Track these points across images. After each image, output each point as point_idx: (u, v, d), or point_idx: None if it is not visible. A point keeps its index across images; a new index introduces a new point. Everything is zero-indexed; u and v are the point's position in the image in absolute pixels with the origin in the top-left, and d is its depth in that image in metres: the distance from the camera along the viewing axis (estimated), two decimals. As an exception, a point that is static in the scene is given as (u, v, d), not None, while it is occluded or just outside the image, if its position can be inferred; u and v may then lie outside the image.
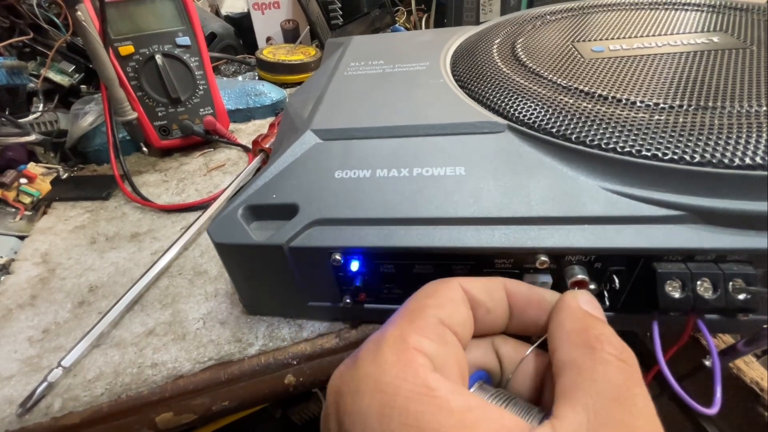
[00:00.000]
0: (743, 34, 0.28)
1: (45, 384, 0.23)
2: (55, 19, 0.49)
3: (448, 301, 0.16)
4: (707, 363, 0.19)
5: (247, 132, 0.48)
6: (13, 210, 0.36)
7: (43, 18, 0.48)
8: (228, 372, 0.24)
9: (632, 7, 0.36)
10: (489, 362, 0.17)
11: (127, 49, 0.40)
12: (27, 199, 0.36)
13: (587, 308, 0.16)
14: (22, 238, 0.34)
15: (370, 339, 0.15)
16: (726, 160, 0.18)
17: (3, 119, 0.40)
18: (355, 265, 0.21)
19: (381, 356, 0.14)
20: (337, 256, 0.21)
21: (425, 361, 0.13)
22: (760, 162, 0.18)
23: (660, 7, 0.35)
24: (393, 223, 0.21)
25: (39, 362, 0.25)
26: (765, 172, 0.18)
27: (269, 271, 0.23)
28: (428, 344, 0.14)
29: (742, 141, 0.19)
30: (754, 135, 0.19)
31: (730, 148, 0.18)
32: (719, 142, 0.19)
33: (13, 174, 0.37)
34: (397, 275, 0.22)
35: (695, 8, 0.34)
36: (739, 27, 0.29)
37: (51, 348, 0.25)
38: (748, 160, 0.18)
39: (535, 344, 0.17)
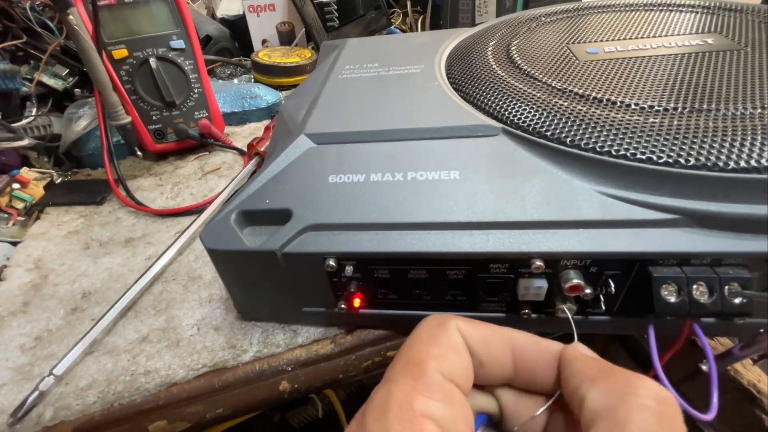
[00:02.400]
0: (737, 35, 0.28)
1: (36, 393, 0.22)
2: (49, 23, 0.49)
3: (449, 350, 0.15)
4: (704, 368, 0.19)
5: (242, 135, 0.48)
6: (6, 215, 0.36)
7: (37, 21, 0.47)
8: (222, 379, 0.23)
9: (627, 8, 0.36)
10: (490, 407, 0.17)
11: (120, 52, 0.40)
12: (20, 205, 0.36)
13: (592, 356, 0.15)
14: (14, 243, 0.34)
15: (375, 400, 0.14)
16: (721, 163, 0.18)
17: (-5, 124, 0.40)
18: (349, 271, 0.21)
19: (389, 426, 0.13)
20: (331, 262, 0.21)
21: (433, 427, 0.13)
22: (755, 165, 0.18)
23: (654, 8, 0.35)
24: (387, 228, 0.21)
25: (31, 370, 0.24)
26: (761, 176, 0.18)
27: (263, 277, 0.23)
28: (435, 406, 0.14)
29: (737, 144, 0.18)
30: (749, 138, 0.19)
31: (725, 151, 0.18)
32: (714, 145, 0.19)
33: (5, 179, 0.36)
34: (391, 280, 0.22)
35: (689, 9, 0.34)
36: (733, 28, 0.29)
37: (43, 356, 0.25)
38: (743, 163, 0.18)
39: (549, 403, 0.16)
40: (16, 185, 0.36)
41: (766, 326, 0.20)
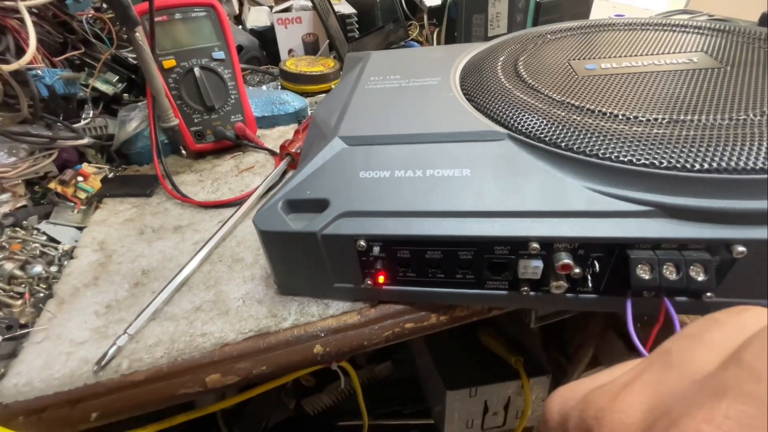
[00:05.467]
0: (721, 55, 0.32)
1: (115, 347, 0.27)
2: (100, 34, 0.55)
3: None
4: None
5: (272, 137, 0.53)
6: (72, 204, 0.41)
7: (91, 33, 0.53)
8: (266, 341, 0.28)
9: (626, 27, 0.40)
10: None
11: (169, 62, 0.45)
12: (83, 195, 0.41)
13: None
14: (79, 229, 0.39)
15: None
16: (688, 165, 0.22)
17: (60, 124, 0.45)
18: (376, 251, 0.25)
19: None
20: (362, 242, 0.25)
21: None
22: (716, 167, 0.21)
23: (650, 28, 0.39)
24: (409, 215, 0.25)
25: (106, 331, 0.29)
26: (720, 175, 0.21)
27: (303, 255, 0.27)
28: None
29: (703, 149, 0.22)
30: (713, 143, 0.22)
31: (692, 155, 0.22)
32: (684, 149, 0.22)
33: (71, 173, 0.42)
34: (411, 260, 0.26)
35: (681, 30, 0.37)
36: (718, 48, 0.33)
37: (114, 320, 0.30)
38: (706, 165, 0.22)
39: None
40: (79, 178, 0.42)
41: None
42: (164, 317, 0.30)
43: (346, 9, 0.74)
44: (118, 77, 0.55)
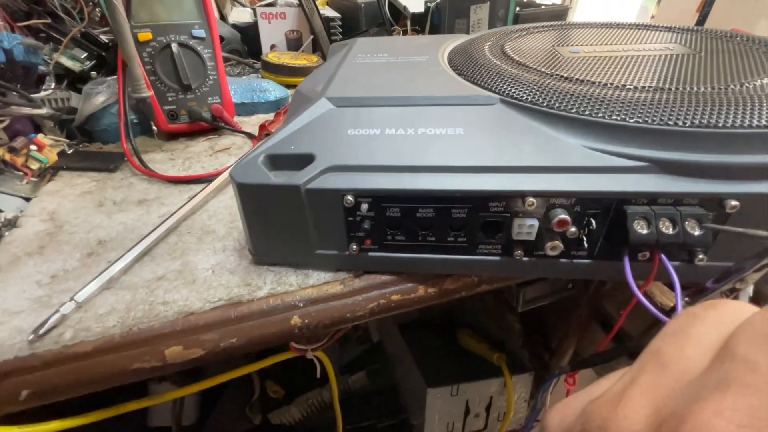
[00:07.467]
0: (694, 45, 0.34)
1: (58, 315, 0.23)
2: (71, 10, 0.52)
3: None
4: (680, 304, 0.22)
5: (250, 124, 0.51)
6: (20, 174, 0.37)
7: (61, 8, 0.50)
8: (237, 311, 0.25)
9: (604, 26, 0.41)
10: None
11: (145, 35, 0.42)
12: (35, 165, 0.37)
13: None
14: (27, 200, 0.35)
15: None
16: (679, 122, 0.22)
17: (15, 92, 0.41)
18: (364, 209, 0.24)
19: None
20: (350, 197, 0.23)
21: None
22: (706, 123, 0.22)
23: (626, 27, 0.41)
24: (400, 170, 0.23)
25: (49, 300, 0.25)
26: (710, 129, 0.21)
27: (284, 215, 0.25)
28: None
29: (692, 108, 0.22)
30: (701, 104, 0.23)
31: (682, 113, 0.22)
32: (673, 109, 0.23)
33: (23, 140, 0.38)
34: (401, 219, 0.24)
35: (654, 28, 0.39)
36: (690, 41, 0.35)
37: (60, 290, 0.26)
38: (696, 121, 0.22)
39: None
40: (33, 147, 0.38)
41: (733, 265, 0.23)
42: (120, 286, 0.26)
43: (331, 13, 0.75)
44: (86, 54, 0.52)
